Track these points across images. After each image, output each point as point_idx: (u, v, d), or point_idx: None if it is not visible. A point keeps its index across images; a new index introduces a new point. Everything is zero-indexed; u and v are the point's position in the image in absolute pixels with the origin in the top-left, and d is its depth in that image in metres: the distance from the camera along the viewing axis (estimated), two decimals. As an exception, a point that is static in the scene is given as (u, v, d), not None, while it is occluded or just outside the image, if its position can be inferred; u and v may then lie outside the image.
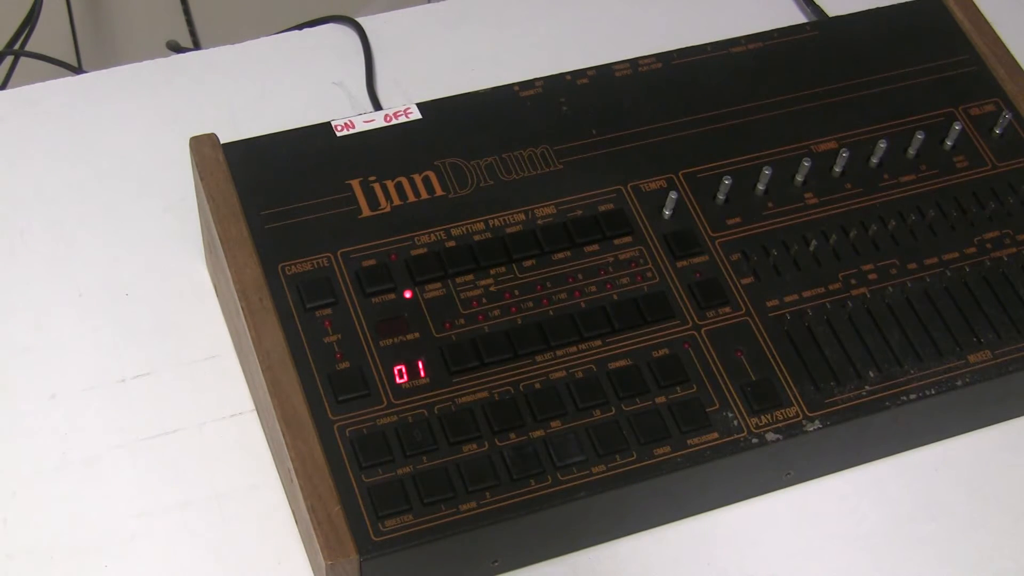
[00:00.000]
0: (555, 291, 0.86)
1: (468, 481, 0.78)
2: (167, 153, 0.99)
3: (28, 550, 0.83)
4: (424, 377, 0.82)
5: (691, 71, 0.97)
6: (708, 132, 0.94)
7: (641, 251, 0.88)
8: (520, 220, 0.88)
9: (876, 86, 0.98)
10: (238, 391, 0.90)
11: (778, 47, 0.99)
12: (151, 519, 0.85)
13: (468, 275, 0.86)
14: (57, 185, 1.00)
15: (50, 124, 1.03)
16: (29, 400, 0.89)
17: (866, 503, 0.90)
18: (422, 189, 0.89)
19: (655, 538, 0.87)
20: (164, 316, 0.94)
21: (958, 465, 0.92)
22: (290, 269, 0.85)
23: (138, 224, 0.98)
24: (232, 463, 0.88)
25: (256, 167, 0.88)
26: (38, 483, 0.86)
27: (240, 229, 0.86)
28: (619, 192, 0.90)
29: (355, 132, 0.91)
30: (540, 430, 0.81)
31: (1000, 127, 0.96)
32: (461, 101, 0.94)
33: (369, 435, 0.79)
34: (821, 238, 0.90)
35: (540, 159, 0.91)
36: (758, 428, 0.82)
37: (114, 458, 0.87)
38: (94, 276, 0.95)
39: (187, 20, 1.61)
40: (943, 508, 0.90)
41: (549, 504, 0.79)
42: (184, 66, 1.08)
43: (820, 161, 0.93)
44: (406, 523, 0.77)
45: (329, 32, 1.12)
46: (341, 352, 0.82)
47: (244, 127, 0.92)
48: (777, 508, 0.89)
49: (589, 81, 0.96)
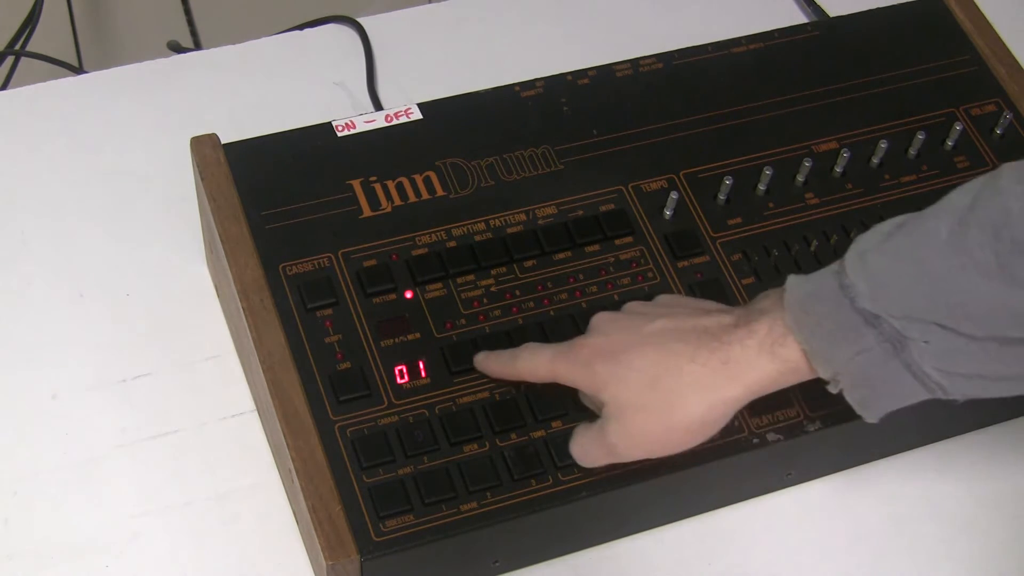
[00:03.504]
0: (556, 291, 0.86)
1: (469, 481, 0.78)
2: (168, 153, 0.99)
3: (29, 550, 0.83)
4: (425, 377, 0.82)
5: (692, 71, 0.97)
6: (709, 132, 0.94)
7: (642, 251, 0.88)
8: (521, 220, 0.89)
9: (877, 86, 0.98)
10: (239, 391, 0.91)
11: (779, 47, 0.99)
12: (152, 519, 0.85)
13: (469, 275, 0.86)
14: (58, 185, 1.00)
15: (50, 124, 1.03)
16: (30, 400, 0.89)
17: (866, 503, 0.90)
18: (423, 189, 0.89)
19: (655, 538, 0.87)
20: (165, 316, 0.94)
21: (958, 465, 0.92)
22: (291, 269, 0.85)
23: (139, 224, 0.98)
24: (233, 463, 0.88)
25: (257, 167, 0.88)
26: (39, 483, 0.86)
27: (241, 229, 0.86)
28: (620, 192, 0.90)
29: (356, 132, 0.91)
30: (541, 430, 0.81)
31: (1001, 127, 0.96)
32: (462, 101, 0.94)
33: (370, 435, 0.79)
34: (822, 238, 0.90)
35: (541, 159, 0.92)
36: (759, 428, 0.82)
37: (115, 458, 0.87)
38: (95, 276, 0.95)
39: (188, 20, 1.61)
40: (943, 508, 0.90)
41: (550, 504, 0.79)
42: (185, 66, 1.08)
43: (821, 161, 0.93)
44: (407, 523, 0.77)
45: (330, 32, 1.12)
46: (342, 352, 0.82)
47: (245, 127, 0.92)
48: (777, 508, 0.89)
49: (590, 81, 0.96)
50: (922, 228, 0.70)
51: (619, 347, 0.76)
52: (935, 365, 0.69)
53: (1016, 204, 0.66)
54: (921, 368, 0.70)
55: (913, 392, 0.71)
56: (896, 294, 0.69)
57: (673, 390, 0.73)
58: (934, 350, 0.69)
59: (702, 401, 0.73)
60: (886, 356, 0.70)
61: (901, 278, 0.69)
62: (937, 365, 0.69)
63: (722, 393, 0.73)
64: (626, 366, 0.75)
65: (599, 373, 0.76)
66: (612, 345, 0.76)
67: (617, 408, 0.75)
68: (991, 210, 0.67)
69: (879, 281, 0.70)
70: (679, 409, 0.74)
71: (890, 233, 0.71)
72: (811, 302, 0.72)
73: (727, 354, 0.73)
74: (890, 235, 0.71)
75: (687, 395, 0.73)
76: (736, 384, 0.73)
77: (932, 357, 0.69)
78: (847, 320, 0.70)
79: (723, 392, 0.73)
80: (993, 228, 0.66)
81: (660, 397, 0.74)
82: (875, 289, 0.69)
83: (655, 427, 0.74)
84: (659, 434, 0.75)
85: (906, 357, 0.70)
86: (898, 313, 0.69)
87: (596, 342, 0.77)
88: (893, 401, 0.72)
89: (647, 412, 0.74)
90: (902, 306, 0.69)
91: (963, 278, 0.67)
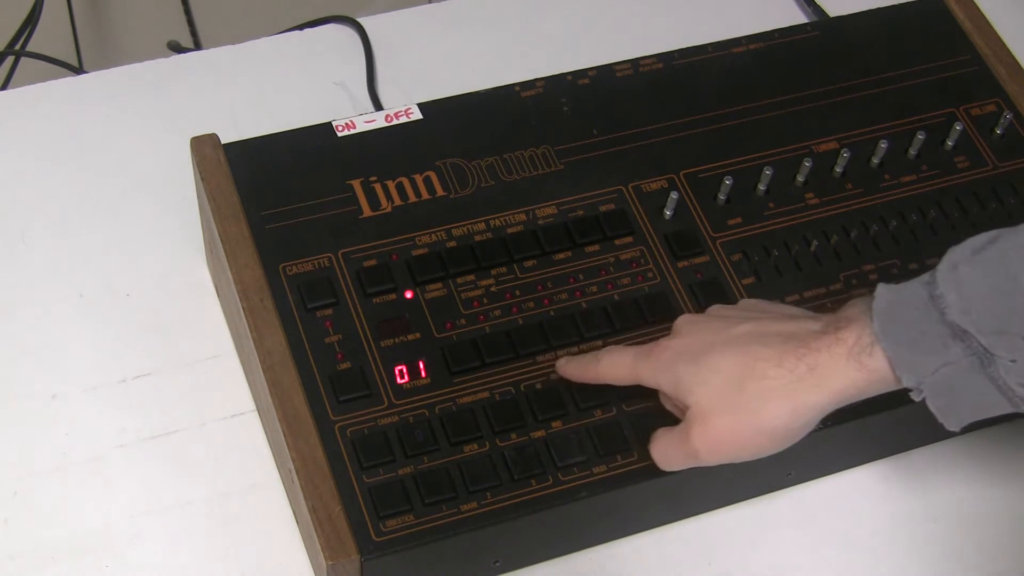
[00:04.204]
0: (556, 291, 0.86)
1: (469, 481, 0.78)
2: (168, 153, 0.99)
3: (29, 550, 0.83)
4: (425, 377, 0.82)
5: (692, 71, 0.97)
6: (709, 132, 0.94)
7: (642, 251, 0.88)
8: (521, 220, 0.89)
9: (877, 86, 0.98)
10: (239, 391, 0.91)
11: (779, 47, 0.99)
12: (152, 519, 0.85)
13: (469, 275, 0.86)
14: (58, 185, 1.00)
15: (51, 124, 1.03)
16: (30, 400, 0.89)
17: (866, 503, 0.90)
18: (423, 189, 0.89)
19: (655, 538, 0.87)
20: (165, 316, 0.94)
21: (958, 465, 0.92)
22: (291, 269, 0.85)
23: (139, 224, 0.98)
24: (233, 463, 0.88)
25: (257, 167, 0.88)
26: (39, 483, 0.86)
27: (241, 229, 0.86)
28: (620, 192, 0.90)
29: (356, 132, 0.91)
30: (541, 430, 0.81)
31: (1001, 127, 0.96)
32: (462, 101, 0.94)
33: (370, 435, 0.79)
34: (822, 238, 0.90)
35: (541, 159, 0.92)
36: (759, 428, 0.82)
37: (115, 458, 0.87)
38: (95, 276, 0.95)
39: (188, 20, 1.61)
40: (943, 508, 0.90)
41: (550, 504, 0.79)
42: (185, 66, 1.08)
43: (821, 161, 0.93)
44: (407, 523, 0.77)
45: (330, 32, 1.12)
46: (342, 352, 0.82)
47: (245, 127, 0.92)
48: (777, 508, 0.89)
49: (590, 81, 0.96)
50: (1015, 243, 0.69)
51: (702, 350, 0.75)
52: (1021, 381, 0.68)
53: None
54: (1007, 383, 0.68)
55: (997, 405, 0.70)
56: (986, 308, 0.68)
57: (758, 395, 0.72)
58: (1021, 368, 0.68)
59: (787, 407, 0.72)
60: (972, 370, 0.69)
61: (992, 293, 0.68)
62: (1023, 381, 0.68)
63: (808, 399, 0.72)
64: (710, 369, 0.74)
65: (682, 376, 0.75)
66: (695, 347, 0.75)
67: (700, 412, 0.74)
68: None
69: (970, 294, 0.68)
70: (763, 414, 0.72)
71: (983, 246, 0.70)
72: (900, 311, 0.70)
73: (814, 360, 0.72)
74: (983, 248, 0.69)
75: (772, 400, 0.72)
76: (822, 391, 0.72)
77: (1018, 374, 0.68)
78: (935, 331, 0.69)
79: (809, 398, 0.72)
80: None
81: (744, 401, 0.73)
82: (966, 302, 0.68)
83: (739, 432, 0.73)
84: (742, 439, 0.73)
85: (992, 372, 0.68)
86: (987, 329, 0.68)
87: (679, 344, 0.76)
88: (975, 412, 0.71)
89: (731, 416, 0.73)
90: (992, 321, 0.68)
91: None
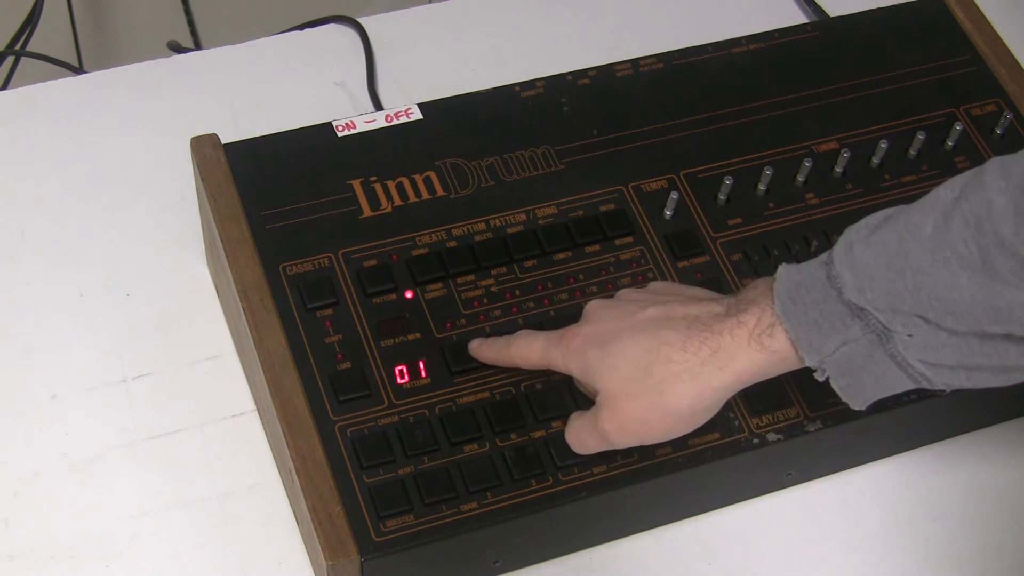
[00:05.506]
0: (556, 291, 0.86)
1: (469, 481, 0.78)
2: (168, 153, 0.99)
3: (29, 550, 0.83)
4: (425, 377, 0.82)
5: (692, 71, 0.97)
6: (709, 132, 0.94)
7: (642, 251, 0.88)
8: (521, 220, 0.89)
9: (877, 86, 0.98)
10: (239, 391, 0.91)
11: (779, 47, 0.99)
12: (152, 519, 0.85)
13: (469, 275, 0.86)
14: (58, 185, 1.00)
15: (51, 124, 1.03)
16: (30, 400, 0.89)
17: (866, 503, 0.90)
18: (423, 189, 0.89)
19: (655, 538, 0.87)
20: (165, 316, 0.94)
21: (958, 465, 0.92)
22: (291, 269, 0.85)
23: (139, 224, 0.98)
24: (233, 463, 0.88)
25: (257, 167, 0.88)
26: (39, 483, 0.86)
27: (241, 229, 0.86)
28: (620, 192, 0.90)
29: (356, 132, 0.91)
30: (541, 430, 0.81)
31: (1001, 127, 0.96)
32: (462, 101, 0.94)
33: (370, 435, 0.79)
34: (822, 238, 0.90)
35: (541, 159, 0.92)
36: (759, 428, 0.82)
37: (115, 458, 0.87)
38: (95, 276, 0.95)
39: (188, 20, 1.61)
40: (943, 508, 0.90)
41: (550, 504, 0.79)
42: (185, 66, 1.08)
43: (821, 161, 0.93)
44: (407, 523, 0.77)
45: (330, 32, 1.12)
46: (342, 352, 0.82)
47: (245, 127, 0.92)
48: (777, 508, 0.89)
49: (590, 81, 0.96)
50: (908, 221, 0.70)
51: (611, 335, 0.77)
52: (919, 357, 0.70)
53: (998, 199, 0.66)
54: (905, 359, 0.71)
55: (898, 382, 0.72)
56: (881, 287, 0.70)
57: (663, 378, 0.74)
58: (918, 343, 0.70)
59: (692, 389, 0.74)
60: (871, 347, 0.71)
61: (886, 271, 0.70)
62: (921, 357, 0.70)
63: (711, 381, 0.74)
64: (617, 354, 0.75)
65: (591, 361, 0.77)
66: (604, 333, 0.77)
67: (609, 396, 0.76)
68: (975, 204, 0.67)
69: (865, 273, 0.70)
70: (669, 397, 0.74)
71: (877, 226, 0.71)
72: (799, 292, 0.72)
73: (717, 343, 0.74)
74: (877, 228, 0.71)
75: (677, 383, 0.74)
76: (725, 373, 0.74)
77: (916, 349, 0.70)
78: (834, 311, 0.71)
79: (712, 381, 0.74)
80: (976, 222, 0.67)
81: (651, 385, 0.74)
82: (861, 281, 0.70)
83: (646, 415, 0.75)
84: (650, 421, 0.76)
85: (891, 348, 0.71)
86: (883, 306, 0.70)
87: (588, 330, 0.78)
88: (878, 390, 0.73)
89: (638, 400, 0.75)
90: (887, 299, 0.70)
91: (946, 272, 0.68)
